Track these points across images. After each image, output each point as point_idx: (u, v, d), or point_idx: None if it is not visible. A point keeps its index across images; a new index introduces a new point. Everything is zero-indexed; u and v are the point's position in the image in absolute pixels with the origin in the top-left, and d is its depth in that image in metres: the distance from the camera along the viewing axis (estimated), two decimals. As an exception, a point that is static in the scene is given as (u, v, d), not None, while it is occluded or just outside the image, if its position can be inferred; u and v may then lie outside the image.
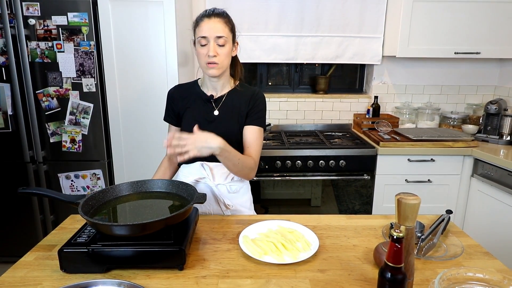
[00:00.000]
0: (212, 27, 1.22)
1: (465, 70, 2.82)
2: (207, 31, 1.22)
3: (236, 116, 1.34)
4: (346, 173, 2.33)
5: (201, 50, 1.24)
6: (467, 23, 2.40)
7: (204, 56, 1.24)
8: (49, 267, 0.95)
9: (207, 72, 1.28)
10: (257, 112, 1.34)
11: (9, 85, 2.14)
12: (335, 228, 1.19)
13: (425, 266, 0.97)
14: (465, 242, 1.10)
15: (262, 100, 1.37)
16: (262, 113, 1.36)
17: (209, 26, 1.22)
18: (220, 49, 1.24)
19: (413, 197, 0.79)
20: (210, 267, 0.96)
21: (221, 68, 1.27)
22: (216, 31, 1.22)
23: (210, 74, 1.27)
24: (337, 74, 3.02)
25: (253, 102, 1.34)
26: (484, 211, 2.20)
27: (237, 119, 1.34)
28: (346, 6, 2.61)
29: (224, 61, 1.26)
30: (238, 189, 1.40)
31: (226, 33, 1.24)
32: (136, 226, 0.88)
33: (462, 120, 2.74)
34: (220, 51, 1.24)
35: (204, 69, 1.28)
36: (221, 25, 1.23)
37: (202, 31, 1.23)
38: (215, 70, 1.26)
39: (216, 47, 1.23)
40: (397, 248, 0.72)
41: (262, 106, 1.36)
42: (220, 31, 1.22)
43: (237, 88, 1.38)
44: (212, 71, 1.26)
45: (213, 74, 1.27)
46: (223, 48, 1.24)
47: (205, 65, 1.26)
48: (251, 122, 1.33)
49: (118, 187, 1.12)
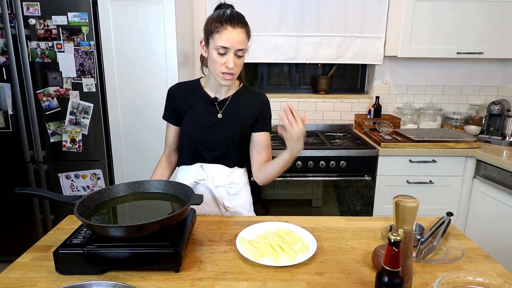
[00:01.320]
0: (236, 39, 1.15)
1: (468, 70, 2.80)
2: (231, 42, 1.15)
3: (239, 121, 1.32)
4: (347, 173, 2.31)
5: (219, 59, 1.18)
6: (470, 22, 2.38)
7: (220, 65, 1.18)
8: (44, 268, 0.95)
9: (220, 82, 1.23)
10: (267, 118, 1.37)
11: (10, 85, 2.14)
12: (333, 230, 1.18)
13: (424, 269, 0.96)
14: (466, 245, 1.08)
15: (269, 106, 1.38)
16: (270, 119, 1.39)
17: (233, 37, 1.14)
18: (238, 60, 1.20)
19: (412, 199, 0.78)
20: (206, 269, 0.95)
21: (235, 78, 1.25)
22: (239, 44, 1.16)
23: (223, 84, 1.24)
24: (338, 74, 3.01)
25: (261, 109, 1.34)
26: (486, 213, 2.18)
27: (241, 123, 1.32)
28: (347, 5, 2.59)
29: (238, 71, 1.24)
30: (238, 191, 1.38)
31: (246, 44, 1.20)
32: (131, 227, 0.87)
33: (464, 120, 2.72)
34: (238, 62, 1.20)
35: (218, 77, 1.22)
36: (244, 36, 1.17)
37: (224, 41, 1.14)
38: (229, 82, 1.23)
39: (235, 58, 1.18)
40: (394, 252, 0.71)
41: (270, 111, 1.38)
42: (243, 44, 1.17)
43: (241, 91, 1.36)
44: (226, 82, 1.23)
45: (227, 85, 1.24)
46: (241, 59, 1.21)
47: (220, 74, 1.20)
48: (262, 128, 1.36)
49: (115, 188, 1.11)
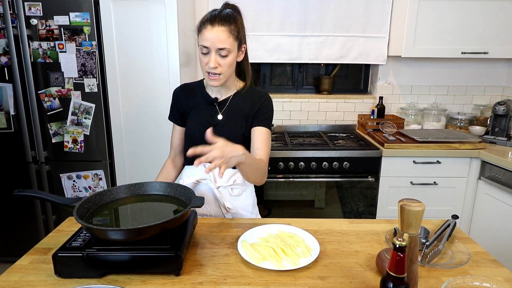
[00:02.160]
0: (214, 37, 1.13)
1: (473, 70, 2.77)
2: (209, 41, 1.14)
3: (240, 121, 1.30)
4: (350, 175, 2.29)
5: (203, 58, 1.18)
6: (475, 22, 2.35)
7: (204, 65, 1.18)
8: (44, 271, 0.94)
9: (208, 82, 1.23)
10: (265, 113, 1.29)
11: (11, 85, 2.14)
12: (336, 232, 1.16)
13: (430, 274, 0.94)
14: (472, 249, 1.06)
15: (269, 102, 1.32)
16: (270, 114, 1.31)
17: (211, 36, 1.13)
18: (222, 60, 1.17)
19: (417, 203, 0.76)
20: (207, 272, 0.94)
21: (223, 79, 1.21)
22: (218, 43, 1.13)
23: (211, 84, 1.22)
24: (341, 74, 2.98)
25: (260, 103, 1.29)
26: (491, 215, 2.15)
27: (241, 123, 1.30)
28: (351, 5, 2.57)
29: (226, 71, 1.19)
30: (241, 193, 1.36)
31: (230, 43, 1.15)
32: (131, 230, 0.86)
33: (469, 121, 2.69)
34: (222, 62, 1.17)
35: (206, 77, 1.22)
36: (225, 35, 1.14)
37: (203, 40, 1.15)
38: (216, 82, 1.21)
39: (217, 58, 1.16)
40: (399, 257, 0.69)
41: (270, 107, 1.31)
42: (222, 42, 1.14)
43: (243, 91, 1.33)
44: (212, 83, 1.21)
45: (214, 85, 1.22)
46: (226, 59, 1.17)
47: (206, 74, 1.20)
48: (258, 123, 1.28)
49: (115, 190, 1.10)
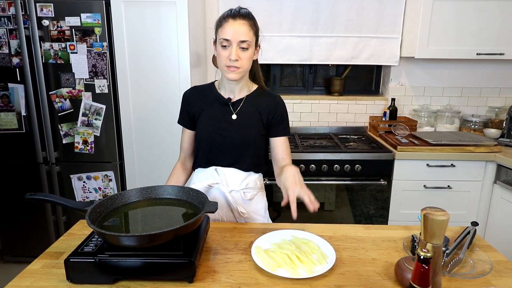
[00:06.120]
0: (236, 30, 1.16)
1: (488, 71, 2.70)
2: (231, 34, 1.16)
3: (254, 122, 1.30)
4: (362, 178, 2.25)
5: (223, 52, 1.19)
6: (490, 22, 2.29)
7: (224, 59, 1.19)
8: (55, 276, 0.93)
9: (226, 75, 1.23)
10: (283, 120, 1.34)
11: (23, 86, 2.14)
12: (352, 239, 1.13)
13: (451, 284, 0.90)
14: (494, 258, 1.02)
15: (284, 107, 1.35)
16: (287, 121, 1.35)
17: (233, 28, 1.16)
18: (242, 53, 1.18)
19: (441, 212, 0.73)
20: (221, 280, 0.91)
21: (242, 72, 1.22)
22: (240, 35, 1.16)
23: (229, 77, 1.22)
24: (353, 75, 2.94)
25: (275, 111, 1.32)
26: (507, 219, 2.09)
27: (256, 124, 1.30)
28: (363, 5, 2.53)
29: (245, 65, 1.21)
30: (253, 196, 1.35)
31: (250, 37, 1.19)
32: (144, 237, 0.84)
33: (483, 123, 2.63)
34: (243, 55, 1.19)
35: (224, 71, 1.22)
36: (246, 29, 1.17)
37: (225, 33, 1.17)
38: (235, 74, 1.21)
39: (238, 50, 1.18)
40: (424, 269, 0.66)
41: (286, 114, 1.35)
42: (244, 35, 1.17)
43: (256, 92, 1.33)
44: (231, 75, 1.21)
45: (232, 78, 1.22)
46: (246, 52, 1.19)
47: (225, 67, 1.20)
48: (280, 133, 1.32)
49: (127, 194, 1.08)
